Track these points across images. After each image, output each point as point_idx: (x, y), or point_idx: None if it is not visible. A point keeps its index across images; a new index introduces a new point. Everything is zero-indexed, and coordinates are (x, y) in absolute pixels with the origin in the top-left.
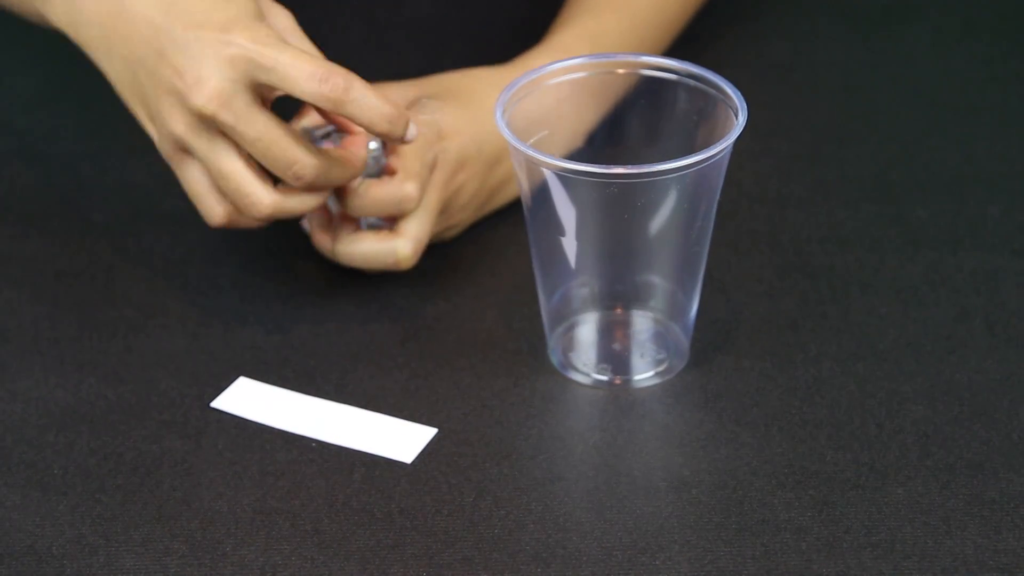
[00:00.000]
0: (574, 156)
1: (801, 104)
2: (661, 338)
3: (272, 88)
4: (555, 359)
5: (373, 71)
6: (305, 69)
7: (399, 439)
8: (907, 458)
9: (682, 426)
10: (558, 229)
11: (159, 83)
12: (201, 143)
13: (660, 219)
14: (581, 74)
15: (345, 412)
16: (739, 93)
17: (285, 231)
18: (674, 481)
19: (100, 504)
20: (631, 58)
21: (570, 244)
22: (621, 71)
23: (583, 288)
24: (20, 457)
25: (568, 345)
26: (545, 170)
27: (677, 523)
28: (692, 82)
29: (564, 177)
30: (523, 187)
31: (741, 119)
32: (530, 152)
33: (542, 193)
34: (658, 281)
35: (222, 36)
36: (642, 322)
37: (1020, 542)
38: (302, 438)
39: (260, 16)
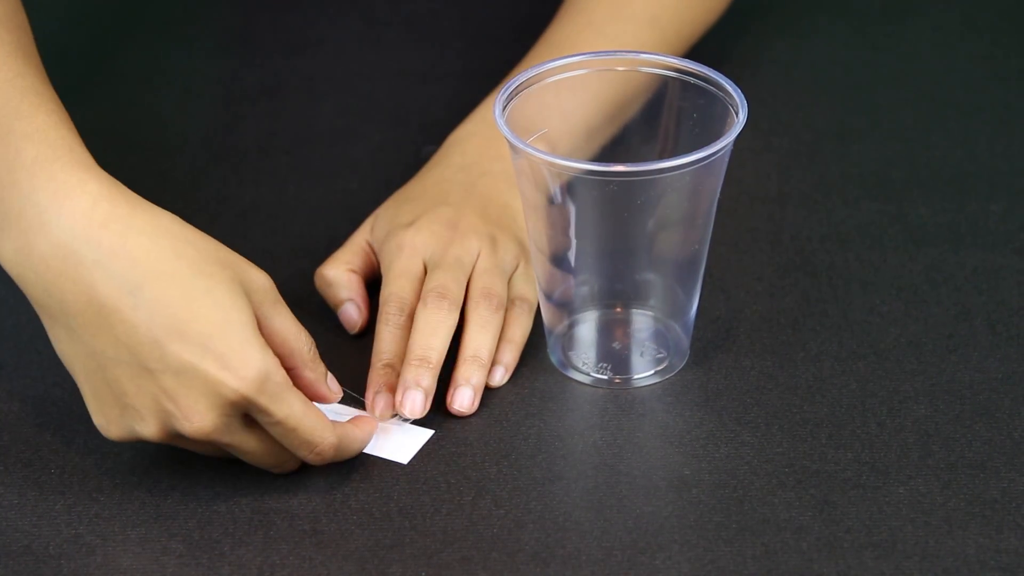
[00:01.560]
0: (573, 154)
1: (802, 102)
2: (661, 337)
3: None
4: (555, 358)
5: (373, 68)
6: (306, 434)
7: (396, 440)
8: (908, 457)
9: (682, 425)
10: (558, 227)
11: (142, 394)
12: (224, 437)
13: (660, 217)
14: (580, 71)
15: (342, 412)
16: (739, 91)
17: (283, 231)
18: (674, 480)
19: (97, 503)
20: (630, 55)
21: (570, 242)
22: (620, 68)
23: (583, 287)
24: (17, 456)
25: (568, 344)
26: (544, 168)
27: (677, 522)
28: (692, 79)
29: (563, 175)
30: (522, 185)
31: (741, 117)
32: (529, 150)
33: (541, 191)
34: (658, 279)
35: (224, 376)
36: (642, 321)
37: (1022, 542)
38: None
39: (252, 318)
